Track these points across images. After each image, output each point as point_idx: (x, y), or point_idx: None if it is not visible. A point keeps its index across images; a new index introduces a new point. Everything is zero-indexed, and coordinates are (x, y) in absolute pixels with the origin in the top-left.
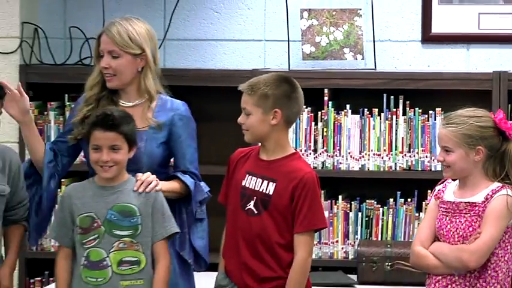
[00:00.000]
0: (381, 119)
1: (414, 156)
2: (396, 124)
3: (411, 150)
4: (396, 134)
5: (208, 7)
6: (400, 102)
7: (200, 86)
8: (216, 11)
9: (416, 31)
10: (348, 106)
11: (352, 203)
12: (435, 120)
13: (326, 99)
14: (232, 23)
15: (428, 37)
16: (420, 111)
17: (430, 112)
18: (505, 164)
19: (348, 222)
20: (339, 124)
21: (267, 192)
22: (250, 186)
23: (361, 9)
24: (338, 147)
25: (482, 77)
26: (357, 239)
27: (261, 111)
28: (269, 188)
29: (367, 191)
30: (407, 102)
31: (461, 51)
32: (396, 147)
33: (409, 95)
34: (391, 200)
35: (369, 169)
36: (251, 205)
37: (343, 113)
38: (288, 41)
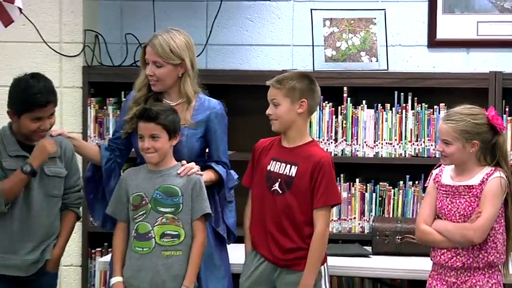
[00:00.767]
0: (392, 113)
1: (421, 145)
2: (406, 117)
3: (418, 139)
4: (406, 125)
5: (244, 16)
6: (409, 98)
7: (237, 84)
8: (251, 20)
9: (423, 37)
10: (364, 102)
11: (368, 185)
12: (439, 114)
13: (345, 96)
14: (264, 30)
15: (434, 42)
16: (426, 106)
17: (435, 107)
18: (496, 153)
19: (364, 201)
20: (356, 117)
21: (290, 174)
22: (275, 170)
23: (375, 18)
24: (355, 137)
25: (480, 77)
26: (372, 216)
27: (289, 101)
28: (292, 170)
29: (380, 174)
30: (415, 98)
31: (462, 54)
32: (405, 137)
33: (417, 92)
34: (401, 182)
35: (382, 156)
36: (276, 186)
37: (360, 107)
38: (312, 45)
